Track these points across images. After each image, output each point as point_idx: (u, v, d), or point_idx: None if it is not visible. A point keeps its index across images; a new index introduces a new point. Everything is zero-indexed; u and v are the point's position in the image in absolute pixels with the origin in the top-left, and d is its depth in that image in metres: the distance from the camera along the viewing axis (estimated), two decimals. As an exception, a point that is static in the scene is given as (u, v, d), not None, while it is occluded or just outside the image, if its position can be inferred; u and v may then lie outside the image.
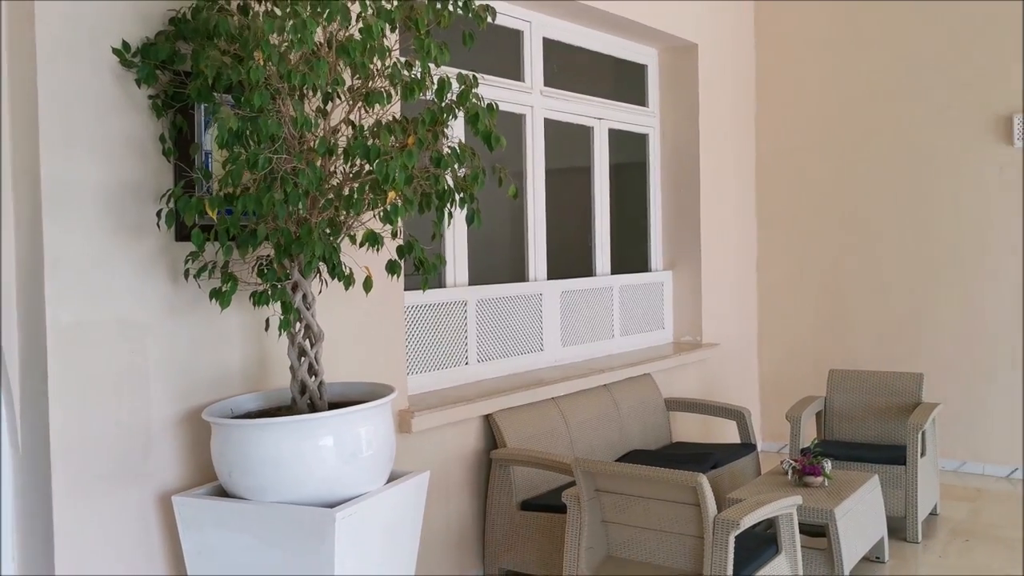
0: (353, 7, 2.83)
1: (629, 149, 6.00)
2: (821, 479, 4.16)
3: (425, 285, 3.06)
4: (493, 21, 3.14)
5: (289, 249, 2.74)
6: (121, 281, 2.82)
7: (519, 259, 5.11)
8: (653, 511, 3.28)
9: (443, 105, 2.97)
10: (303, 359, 2.93)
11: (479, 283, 4.65)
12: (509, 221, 5.15)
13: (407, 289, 3.90)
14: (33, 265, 2.67)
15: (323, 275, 3.07)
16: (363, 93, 2.89)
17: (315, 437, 2.74)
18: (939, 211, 6.03)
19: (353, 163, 2.86)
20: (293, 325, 2.87)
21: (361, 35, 2.78)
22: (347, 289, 3.03)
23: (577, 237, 5.67)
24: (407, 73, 2.94)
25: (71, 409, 2.70)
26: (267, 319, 3.10)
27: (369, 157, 2.73)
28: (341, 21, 2.74)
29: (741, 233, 6.59)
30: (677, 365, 5.68)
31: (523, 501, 4.07)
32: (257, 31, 2.59)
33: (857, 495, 4.09)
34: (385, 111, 2.93)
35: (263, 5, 2.79)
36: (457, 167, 2.98)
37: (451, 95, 2.98)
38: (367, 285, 3.08)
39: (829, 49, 6.41)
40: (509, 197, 3.10)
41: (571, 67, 5.40)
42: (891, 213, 6.20)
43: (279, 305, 2.85)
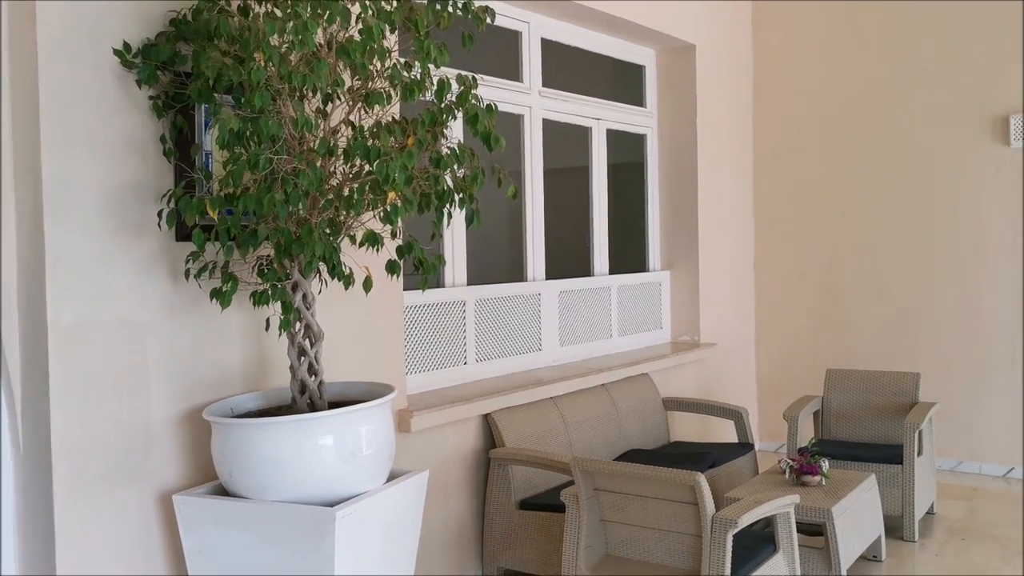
0: (353, 8, 2.84)
1: (627, 149, 6.02)
2: (818, 478, 4.17)
3: (425, 285, 3.08)
4: (492, 22, 3.15)
5: (289, 249, 2.75)
6: (122, 281, 2.83)
7: (517, 259, 5.12)
8: (651, 510, 3.29)
9: (443, 106, 2.98)
10: (303, 359, 2.94)
11: (478, 283, 4.66)
12: (507, 221, 5.16)
13: (406, 289, 3.92)
14: (34, 265, 2.68)
15: (323, 275, 3.08)
16: (363, 94, 2.90)
17: (315, 436, 2.75)
18: (936, 211, 6.05)
19: (353, 164, 2.87)
20: (293, 325, 2.88)
21: (361, 36, 2.79)
22: (347, 289, 3.05)
23: (575, 237, 5.68)
24: (407, 74, 2.94)
25: (72, 408, 2.71)
26: (267, 319, 3.11)
27: (369, 158, 2.74)
28: (341, 22, 2.75)
29: (739, 233, 6.61)
30: (675, 365, 5.70)
31: (522, 500, 4.09)
32: (258, 32, 2.60)
33: (854, 494, 4.11)
34: (385, 112, 2.94)
35: (263, 6, 2.80)
36: (456, 168, 2.99)
37: (450, 96, 2.99)
38: (367, 285, 3.09)
39: (826, 50, 6.43)
40: (508, 197, 3.11)
41: (569, 68, 5.41)
42: (888, 213, 6.22)
43: (279, 305, 2.86)
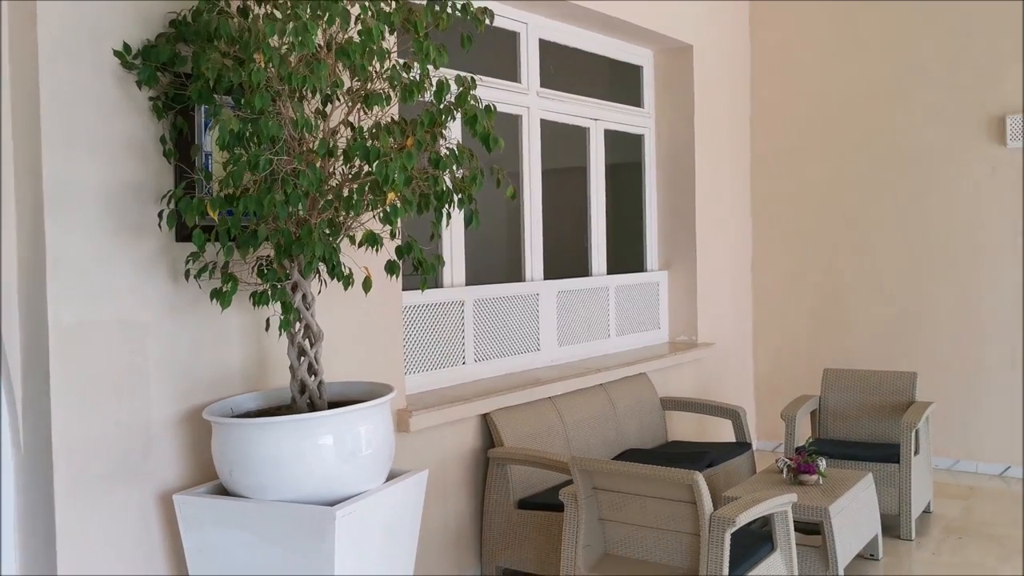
0: (352, 9, 2.84)
1: (625, 150, 6.03)
2: (816, 477, 4.19)
3: (424, 285, 3.09)
4: (491, 24, 3.16)
5: (289, 250, 2.76)
6: (122, 281, 2.84)
7: (516, 259, 5.13)
8: (650, 509, 3.30)
9: (441, 107, 2.99)
10: (303, 359, 2.95)
11: (476, 283, 4.68)
12: (505, 221, 5.17)
13: (404, 289, 3.93)
14: (35, 265, 2.69)
15: (322, 275, 3.09)
16: (362, 95, 2.91)
17: (315, 436, 2.76)
18: (933, 211, 6.07)
19: (352, 164, 2.88)
20: (293, 325, 2.89)
21: (360, 37, 2.80)
22: (346, 289, 3.06)
23: (573, 237, 5.70)
24: (406, 75, 2.95)
25: (72, 408, 2.72)
26: (267, 319, 3.12)
27: (368, 158, 2.75)
28: (341, 24, 2.76)
29: (736, 233, 6.62)
30: (673, 364, 5.71)
31: (520, 499, 4.10)
32: (258, 33, 2.61)
33: (851, 493, 4.12)
34: (384, 113, 2.95)
35: (263, 8, 2.80)
36: (455, 168, 3.00)
37: (449, 97, 3.00)
38: (366, 285, 3.10)
39: (824, 50, 6.45)
40: (507, 198, 3.13)
41: (567, 68, 5.43)
42: (885, 213, 6.24)
43: (279, 305, 2.87)
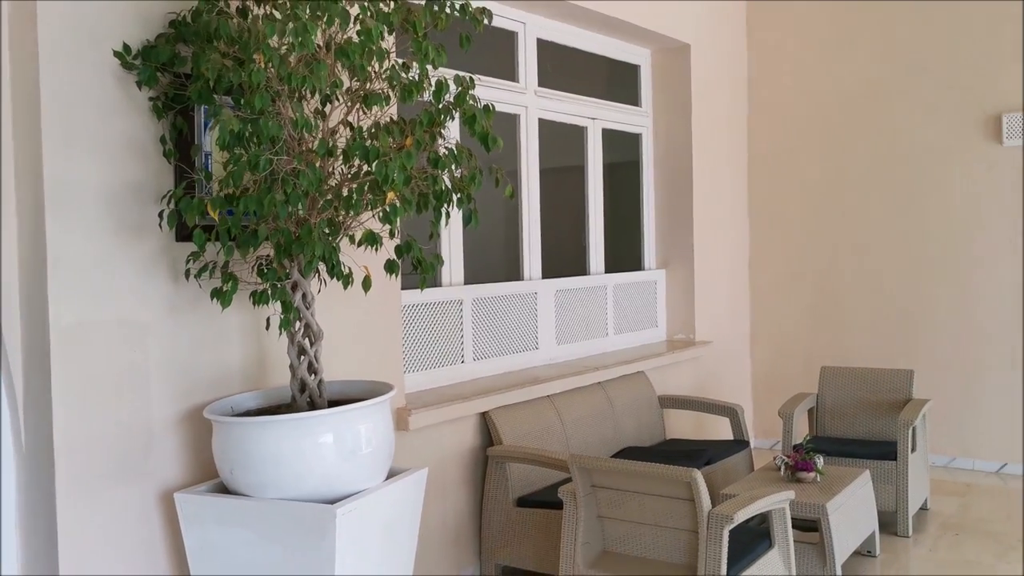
0: (351, 10, 2.86)
1: (623, 149, 6.05)
2: (813, 475, 4.20)
3: (423, 284, 3.10)
4: (490, 23, 3.17)
5: (289, 249, 2.77)
6: (123, 281, 2.85)
7: (514, 258, 5.15)
8: (648, 506, 3.32)
9: (440, 106, 3.00)
10: (303, 358, 2.96)
11: (474, 282, 4.69)
12: (504, 220, 5.19)
13: (403, 288, 3.94)
14: (35, 265, 2.70)
15: (322, 275, 3.11)
16: (361, 95, 2.92)
17: (315, 435, 2.77)
18: (929, 209, 6.08)
19: (351, 164, 2.89)
20: (293, 324, 2.90)
21: (360, 38, 2.81)
22: (346, 288, 3.07)
23: (571, 236, 5.71)
24: (405, 75, 2.96)
25: (73, 408, 2.73)
26: (267, 318, 3.13)
27: (368, 158, 2.76)
28: (340, 24, 2.77)
29: (734, 232, 6.64)
30: (670, 363, 5.73)
31: (519, 497, 4.11)
32: (258, 34, 2.62)
33: (849, 490, 4.14)
34: (383, 113, 2.97)
35: (262, 8, 2.82)
36: (454, 168, 3.01)
37: (448, 96, 3.01)
38: (366, 284, 3.11)
39: (820, 50, 6.46)
40: (505, 197, 3.14)
41: (565, 68, 5.44)
42: (882, 211, 6.26)
43: (279, 304, 2.88)
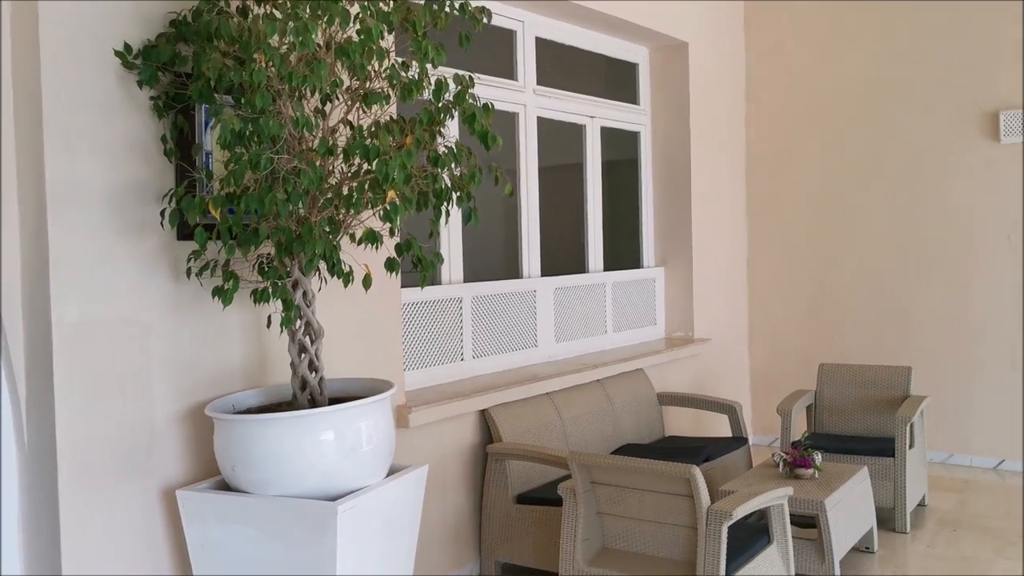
0: (351, 9, 2.87)
1: (621, 147, 6.06)
2: (811, 471, 4.22)
3: (424, 282, 3.11)
4: (489, 22, 3.18)
5: (290, 247, 2.78)
6: (124, 280, 2.87)
7: (513, 256, 5.16)
8: (648, 503, 3.34)
9: (440, 105, 3.01)
10: (303, 355, 2.97)
11: (474, 280, 4.70)
12: (503, 219, 5.20)
13: (403, 286, 3.95)
14: (38, 264, 2.71)
15: (323, 273, 3.12)
16: (361, 94, 2.93)
17: (316, 432, 2.78)
18: (927, 207, 6.10)
19: (352, 163, 2.91)
20: (294, 322, 2.91)
21: (360, 37, 2.82)
22: (346, 287, 3.08)
23: (570, 234, 5.72)
24: (405, 74, 2.98)
25: (76, 407, 2.74)
26: (268, 316, 3.15)
27: (368, 157, 2.78)
28: (341, 23, 2.78)
29: (732, 229, 6.66)
30: (669, 360, 5.74)
31: (519, 494, 4.13)
32: (258, 33, 2.63)
33: (847, 487, 4.16)
34: (383, 111, 2.98)
35: (263, 8, 2.83)
36: (454, 166, 3.03)
37: (448, 95, 3.03)
38: (366, 283, 3.12)
39: (818, 48, 6.48)
40: (505, 195, 3.15)
41: (563, 66, 5.45)
42: (880, 209, 6.28)
43: (280, 302, 2.89)
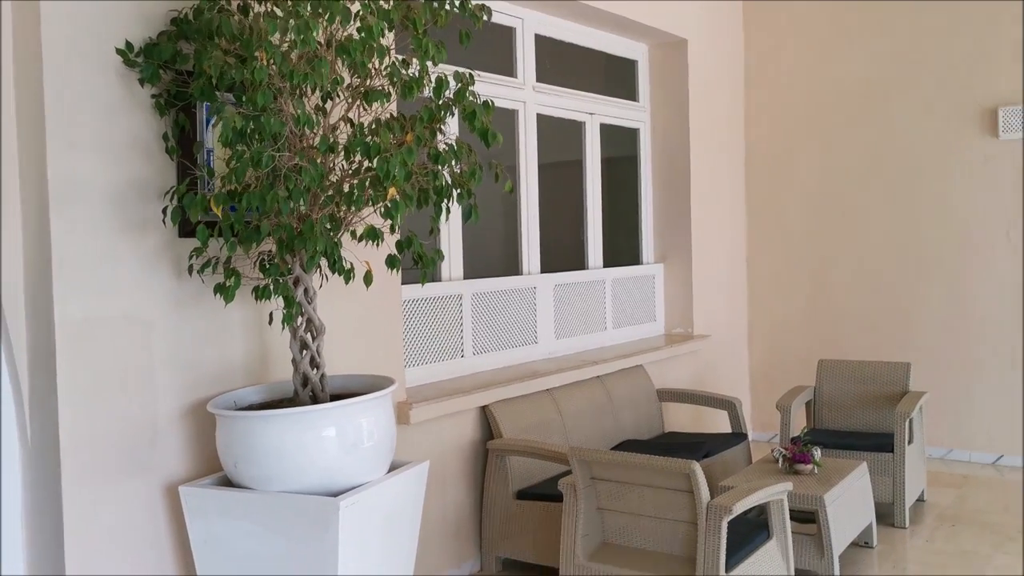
0: (352, 6, 2.88)
1: (620, 144, 6.07)
2: (811, 467, 4.23)
3: (424, 279, 3.12)
4: (489, 20, 3.19)
5: (291, 245, 2.79)
6: (127, 277, 2.88)
7: (513, 253, 5.17)
8: (648, 498, 3.35)
9: (440, 103, 3.02)
10: (305, 352, 2.98)
11: (474, 277, 4.72)
12: (503, 215, 5.21)
13: (403, 283, 3.96)
14: (41, 262, 2.73)
15: (324, 270, 3.13)
16: (362, 91, 2.94)
17: (318, 428, 2.80)
18: (926, 203, 6.11)
19: (352, 160, 2.92)
20: (295, 319, 2.92)
21: (360, 35, 2.83)
22: (347, 283, 3.09)
23: (570, 231, 5.74)
24: (405, 72, 2.99)
25: (79, 404, 2.76)
26: (270, 313, 3.16)
27: (369, 154, 2.79)
28: (341, 21, 2.79)
29: (731, 226, 6.67)
30: (669, 356, 5.76)
31: (519, 490, 4.14)
32: (259, 31, 2.64)
33: (846, 482, 4.17)
34: (384, 109, 2.99)
35: (264, 5, 2.84)
36: (454, 163, 3.04)
37: (448, 93, 3.04)
38: (367, 279, 3.13)
39: (817, 44, 6.49)
40: (505, 192, 3.16)
41: (563, 63, 5.46)
42: (879, 206, 6.29)
43: (281, 299, 2.90)
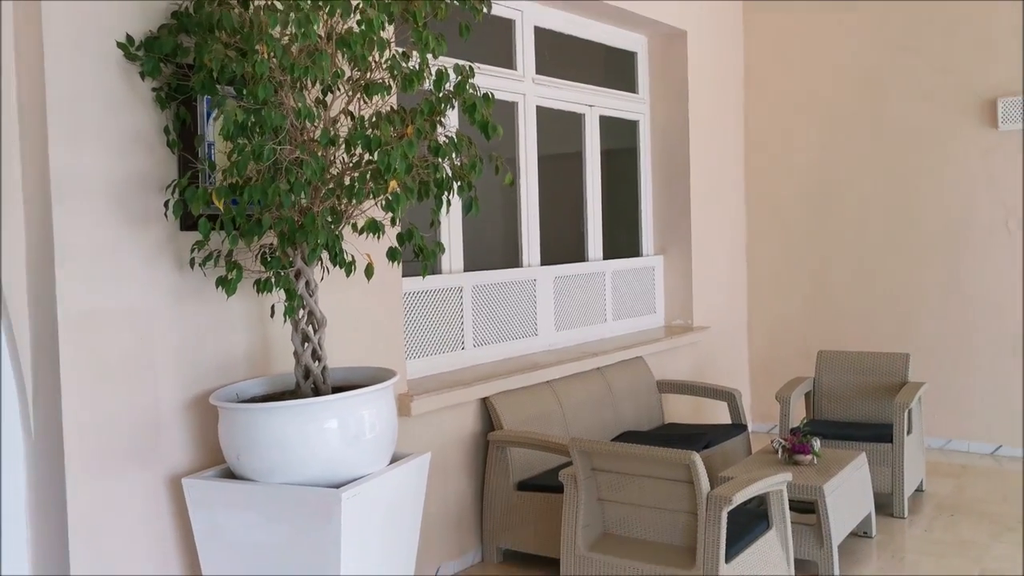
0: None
1: (620, 135, 6.07)
2: (810, 457, 4.25)
3: (425, 271, 3.13)
4: (489, 12, 3.19)
5: (293, 237, 2.80)
6: (129, 270, 2.89)
7: (513, 245, 5.18)
8: (648, 489, 3.37)
9: (441, 95, 3.03)
10: (306, 344, 3.00)
11: (474, 269, 4.73)
12: (503, 208, 5.22)
13: (404, 276, 3.97)
14: (43, 255, 2.73)
15: (325, 263, 3.14)
16: (362, 84, 2.95)
17: (320, 420, 2.81)
18: (925, 195, 6.12)
19: (353, 153, 2.92)
20: (297, 312, 2.93)
21: (361, 28, 2.83)
22: (348, 276, 3.10)
23: (569, 223, 5.74)
24: (405, 65, 2.99)
25: (82, 396, 2.77)
26: (272, 306, 3.17)
27: (370, 147, 2.80)
28: (342, 15, 2.80)
29: (731, 217, 6.68)
30: (669, 348, 5.77)
31: (520, 482, 4.16)
32: (260, 25, 2.65)
33: (845, 472, 4.19)
34: (384, 102, 2.99)
35: (264, -1, 2.84)
36: (455, 156, 3.04)
37: (448, 85, 3.04)
38: (368, 272, 3.14)
39: (816, 35, 6.48)
40: (505, 185, 3.17)
41: (562, 55, 5.46)
42: (878, 197, 6.30)
43: (283, 292, 2.91)
